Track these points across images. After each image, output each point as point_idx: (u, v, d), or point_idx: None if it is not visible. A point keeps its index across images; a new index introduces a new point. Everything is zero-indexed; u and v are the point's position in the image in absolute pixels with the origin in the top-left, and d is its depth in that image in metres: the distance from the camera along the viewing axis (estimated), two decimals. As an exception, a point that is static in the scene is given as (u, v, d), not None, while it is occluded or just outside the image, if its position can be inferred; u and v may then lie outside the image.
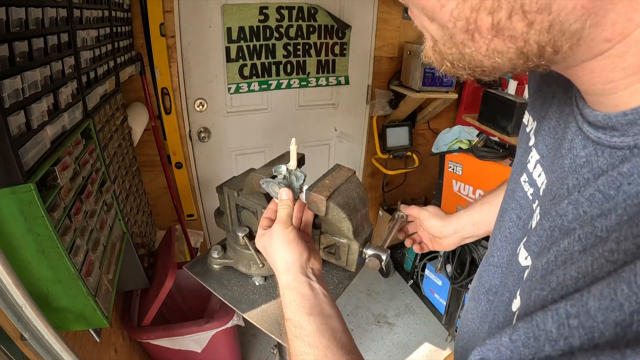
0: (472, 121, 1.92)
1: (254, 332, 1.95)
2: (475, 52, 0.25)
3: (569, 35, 0.22)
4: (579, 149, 0.30)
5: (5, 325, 0.63)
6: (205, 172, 1.91)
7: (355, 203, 0.59)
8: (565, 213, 0.29)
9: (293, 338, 0.44)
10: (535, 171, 0.38)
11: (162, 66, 1.56)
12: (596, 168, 0.27)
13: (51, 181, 0.66)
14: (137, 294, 1.42)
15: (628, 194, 0.24)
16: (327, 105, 2.03)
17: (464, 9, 0.22)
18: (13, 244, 0.63)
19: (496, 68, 0.26)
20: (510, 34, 0.23)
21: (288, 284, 0.49)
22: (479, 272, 0.48)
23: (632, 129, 0.24)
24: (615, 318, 0.19)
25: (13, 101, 0.56)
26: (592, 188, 0.27)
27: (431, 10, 0.24)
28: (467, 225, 0.73)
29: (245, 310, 0.80)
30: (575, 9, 0.21)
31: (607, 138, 0.26)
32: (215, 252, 0.89)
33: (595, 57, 0.24)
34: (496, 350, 0.24)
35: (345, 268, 0.62)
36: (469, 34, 0.24)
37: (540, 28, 0.22)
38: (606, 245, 0.22)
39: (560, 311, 0.22)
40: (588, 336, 0.19)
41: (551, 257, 0.28)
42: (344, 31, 1.84)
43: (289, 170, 0.58)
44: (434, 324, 2.07)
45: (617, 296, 0.19)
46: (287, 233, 0.53)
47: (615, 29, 0.22)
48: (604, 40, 0.22)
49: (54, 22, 0.72)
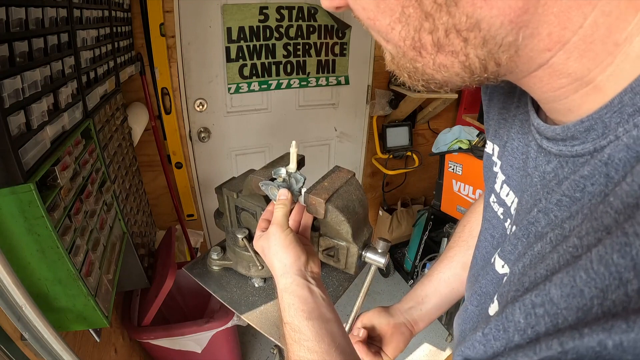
0: (472, 121, 1.92)
1: (254, 332, 1.95)
2: (425, 66, 0.27)
3: (505, 47, 0.24)
4: (544, 164, 0.31)
5: (5, 325, 0.63)
6: (205, 172, 1.91)
7: (354, 206, 0.59)
8: (537, 220, 0.30)
9: (292, 342, 0.44)
10: (502, 191, 0.40)
11: (162, 66, 1.56)
12: (562, 178, 0.29)
13: (51, 181, 0.66)
14: (137, 294, 1.42)
15: (592, 193, 0.25)
16: (327, 105, 2.03)
17: (409, 30, 0.25)
18: (13, 244, 0.63)
19: (447, 81, 0.28)
20: (451, 50, 0.25)
21: (286, 287, 0.48)
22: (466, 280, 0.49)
23: (590, 135, 0.26)
24: (577, 304, 0.20)
25: (13, 101, 0.56)
26: (558, 194, 0.28)
27: (384, 32, 0.27)
28: (412, 308, 0.67)
29: (244, 312, 0.80)
30: (503, 25, 0.23)
31: (568, 149, 0.28)
32: (214, 254, 0.89)
33: (541, 66, 0.25)
34: (472, 347, 0.25)
35: (345, 271, 0.62)
36: (417, 50, 0.26)
37: (475, 43, 0.24)
38: (569, 241, 0.24)
39: (527, 302, 0.23)
40: (553, 323, 0.21)
41: (526, 261, 0.29)
42: (344, 31, 1.84)
43: (288, 173, 0.58)
44: (434, 324, 2.07)
45: (577, 283, 0.20)
46: (285, 236, 0.52)
47: (552, 38, 0.23)
48: (544, 50, 0.24)
49: (54, 22, 0.72)
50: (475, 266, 0.45)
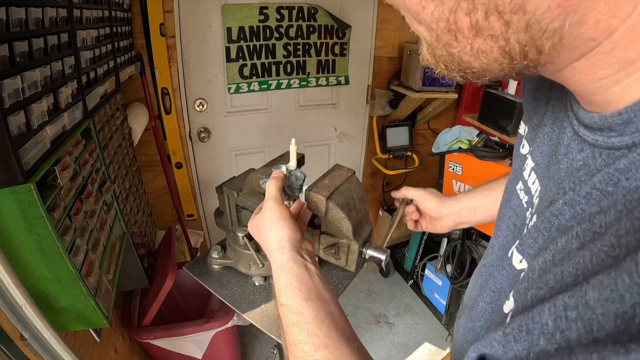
0: (472, 121, 1.92)
1: (254, 332, 1.95)
2: (461, 52, 0.25)
3: (550, 34, 0.22)
4: (575, 152, 0.30)
5: (5, 325, 0.63)
6: (205, 172, 1.91)
7: (355, 203, 0.59)
8: (561, 212, 0.29)
9: (290, 325, 0.41)
10: (530, 179, 0.38)
11: (162, 66, 1.56)
12: (593, 169, 0.27)
13: (51, 181, 0.66)
14: (137, 294, 1.42)
15: (627, 189, 0.23)
16: (327, 105, 2.03)
17: (443, 10, 0.23)
18: (13, 244, 0.63)
19: (485, 69, 0.26)
20: (490, 34, 0.23)
21: (283, 265, 0.46)
22: (477, 278, 0.47)
23: (629, 128, 0.24)
24: (615, 310, 0.18)
25: (13, 101, 0.56)
26: (588, 186, 0.26)
27: (415, 12, 0.25)
28: (464, 210, 0.72)
29: (245, 311, 0.80)
30: (550, 8, 0.21)
31: (604, 139, 0.26)
32: (215, 252, 0.89)
33: (583, 56, 0.24)
34: (489, 346, 0.24)
35: (345, 268, 0.62)
36: (452, 34, 0.24)
37: (518, 27, 0.22)
38: (605, 239, 0.22)
39: (558, 303, 0.21)
40: (586, 329, 0.19)
41: (548, 256, 0.28)
42: (344, 31, 1.84)
43: (288, 170, 0.58)
44: (434, 324, 2.07)
45: (618, 287, 0.18)
46: (282, 209, 0.50)
47: (599, 27, 0.22)
48: (588, 39, 0.22)
49: (54, 22, 0.72)
50: (491, 256, 0.44)
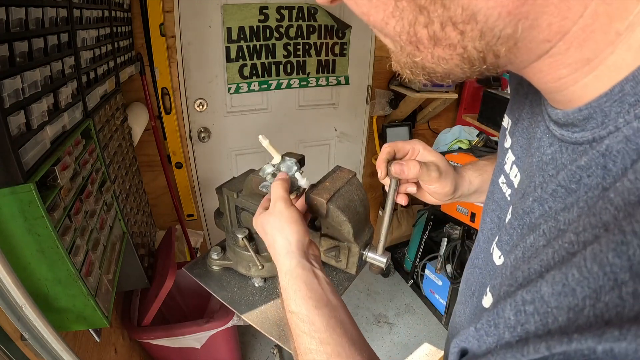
0: (472, 121, 1.92)
1: (254, 332, 1.95)
2: (423, 60, 0.27)
3: (504, 39, 0.23)
4: (546, 147, 0.31)
5: (5, 325, 0.63)
6: (205, 172, 1.91)
7: (355, 206, 0.59)
8: (531, 210, 0.30)
9: (300, 334, 0.40)
10: (512, 172, 0.39)
11: (162, 66, 1.56)
12: (560, 164, 0.28)
13: (51, 181, 0.66)
14: (137, 294, 1.42)
15: (589, 186, 0.24)
16: (327, 105, 2.03)
17: (404, 24, 0.24)
18: (13, 244, 0.63)
19: (448, 73, 0.27)
20: (448, 43, 0.24)
21: (291, 270, 0.45)
22: (465, 274, 0.47)
23: (589, 124, 0.25)
24: (568, 303, 0.19)
25: (13, 101, 0.56)
26: (554, 183, 0.27)
27: (379, 27, 0.26)
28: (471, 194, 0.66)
29: (245, 312, 0.79)
30: (501, 16, 0.22)
31: (569, 135, 0.27)
32: (214, 253, 0.89)
33: (540, 57, 0.25)
34: (467, 341, 0.25)
35: (346, 270, 0.62)
36: (414, 45, 0.26)
37: (472, 36, 0.23)
38: (566, 236, 0.23)
39: (517, 298, 0.22)
40: (542, 322, 0.20)
41: (519, 253, 0.29)
42: (344, 31, 1.84)
43: (275, 166, 0.58)
44: (434, 324, 2.07)
45: (569, 281, 0.19)
46: (290, 212, 0.49)
47: (552, 29, 0.22)
48: (543, 41, 0.23)
49: (54, 22, 0.72)
50: (476, 249, 0.44)
